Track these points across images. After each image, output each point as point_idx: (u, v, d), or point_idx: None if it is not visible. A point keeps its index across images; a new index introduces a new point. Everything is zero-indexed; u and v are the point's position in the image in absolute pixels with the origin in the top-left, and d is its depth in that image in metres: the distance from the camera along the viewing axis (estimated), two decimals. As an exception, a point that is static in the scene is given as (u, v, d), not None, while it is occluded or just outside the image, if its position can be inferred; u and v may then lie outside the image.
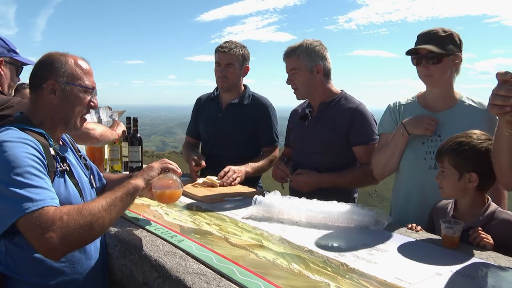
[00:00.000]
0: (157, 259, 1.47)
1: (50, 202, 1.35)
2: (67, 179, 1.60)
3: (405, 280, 1.31)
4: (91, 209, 1.39)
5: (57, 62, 1.64)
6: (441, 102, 2.20)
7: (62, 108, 1.65)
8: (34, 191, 1.34)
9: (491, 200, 1.81)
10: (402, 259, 1.50)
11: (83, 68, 1.69)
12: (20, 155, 1.39)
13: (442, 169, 1.82)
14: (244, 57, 3.03)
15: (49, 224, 1.30)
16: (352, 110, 2.56)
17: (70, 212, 1.35)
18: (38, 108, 1.64)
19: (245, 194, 2.38)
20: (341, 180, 2.51)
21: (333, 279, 1.30)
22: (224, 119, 3.06)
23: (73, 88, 1.65)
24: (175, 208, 2.11)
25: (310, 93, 2.63)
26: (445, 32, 2.10)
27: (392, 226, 1.86)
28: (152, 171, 1.68)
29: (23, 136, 1.47)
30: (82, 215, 1.36)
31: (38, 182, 1.37)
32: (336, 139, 2.55)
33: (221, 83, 3.03)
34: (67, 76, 1.64)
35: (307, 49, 2.55)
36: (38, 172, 1.40)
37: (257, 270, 1.36)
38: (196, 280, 1.30)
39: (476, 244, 1.61)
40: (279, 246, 1.60)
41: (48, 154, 1.52)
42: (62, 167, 1.58)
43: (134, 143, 2.88)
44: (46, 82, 1.61)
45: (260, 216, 1.97)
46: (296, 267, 1.39)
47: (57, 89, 1.62)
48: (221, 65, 2.97)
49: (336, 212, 1.86)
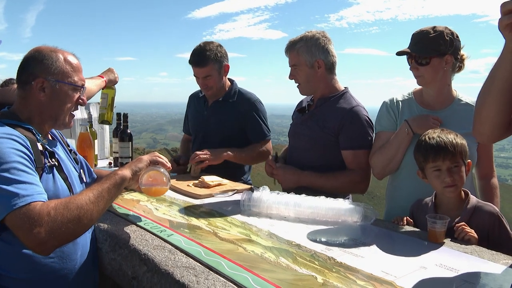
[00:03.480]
0: (146, 253, 1.48)
1: (37, 197, 1.35)
2: (56, 174, 1.59)
3: (391, 273, 1.33)
4: (78, 202, 1.39)
5: (47, 58, 1.62)
6: (438, 100, 2.20)
7: (51, 105, 1.64)
8: (21, 187, 1.33)
9: (470, 193, 1.84)
10: (388, 253, 1.52)
11: (73, 65, 1.67)
12: (6, 151, 1.38)
13: (456, 166, 1.79)
14: (220, 60, 2.91)
15: (37, 219, 1.29)
16: (345, 111, 2.40)
17: (57, 206, 1.34)
18: (27, 104, 1.62)
19: (234, 190, 2.38)
20: (321, 182, 2.37)
21: (320, 273, 1.32)
22: (210, 117, 3.05)
23: (63, 86, 1.64)
24: (165, 203, 2.12)
25: (313, 89, 2.53)
26: (435, 32, 2.08)
27: (379, 221, 1.89)
28: (141, 163, 1.67)
29: (10, 132, 1.46)
30: (69, 209, 1.35)
31: (25, 178, 1.36)
32: (323, 138, 2.44)
33: (205, 92, 3.01)
34: (57, 73, 1.62)
35: (307, 44, 2.42)
36: (25, 168, 1.39)
37: (245, 264, 1.37)
38: (185, 274, 1.31)
39: (461, 238, 1.64)
40: (267, 241, 1.61)
41: (36, 150, 1.51)
42: (50, 162, 1.57)
43: (124, 139, 2.87)
44: (36, 79, 1.59)
45: (249, 211, 1.98)
46: (284, 261, 1.41)
47: (47, 86, 1.61)
48: (199, 78, 2.92)
49: (324, 207, 1.87)
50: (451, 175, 1.78)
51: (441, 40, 2.08)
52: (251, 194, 1.99)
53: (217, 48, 2.91)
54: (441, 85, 2.17)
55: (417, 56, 2.10)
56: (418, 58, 2.10)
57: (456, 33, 2.12)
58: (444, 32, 2.08)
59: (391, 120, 2.28)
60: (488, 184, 2.23)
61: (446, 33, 2.08)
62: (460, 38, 2.14)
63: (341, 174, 2.40)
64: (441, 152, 1.79)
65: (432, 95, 2.21)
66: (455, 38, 2.11)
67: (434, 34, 2.08)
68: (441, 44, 2.08)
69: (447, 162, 1.79)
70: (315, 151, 2.48)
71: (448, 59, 2.10)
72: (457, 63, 2.16)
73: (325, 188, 2.34)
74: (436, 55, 2.08)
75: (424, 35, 2.10)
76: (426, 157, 1.83)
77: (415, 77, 2.17)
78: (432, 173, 1.83)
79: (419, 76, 2.15)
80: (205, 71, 2.89)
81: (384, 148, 2.21)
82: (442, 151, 1.79)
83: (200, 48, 2.91)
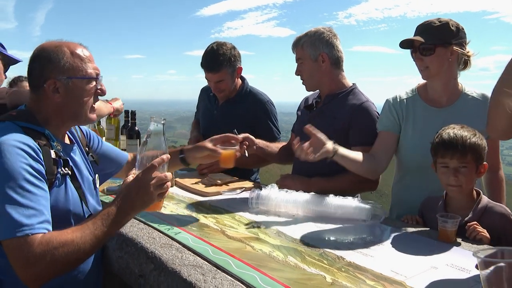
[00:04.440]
0: (153, 251, 1.47)
1: (37, 228, 1.27)
2: (69, 183, 1.51)
3: (401, 273, 1.31)
4: (81, 246, 1.29)
5: (53, 56, 1.51)
6: (444, 95, 2.14)
7: (69, 104, 1.55)
8: (25, 213, 1.27)
9: (482, 193, 1.81)
10: (398, 253, 1.50)
11: (81, 57, 1.56)
12: (15, 166, 1.30)
13: (464, 165, 1.73)
14: (233, 64, 2.83)
15: (32, 260, 1.23)
16: (355, 107, 2.35)
17: (57, 248, 1.26)
18: (42, 107, 1.53)
19: (242, 188, 2.37)
20: (331, 185, 2.27)
21: (329, 272, 1.31)
22: (219, 117, 3.01)
23: (76, 81, 1.53)
24: (172, 201, 2.11)
25: (317, 84, 2.49)
26: (440, 22, 2.05)
27: (389, 220, 1.87)
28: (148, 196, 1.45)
29: (22, 140, 1.38)
30: (68, 254, 1.27)
31: (30, 200, 1.29)
32: (333, 136, 2.29)
33: (217, 94, 2.96)
34: (67, 70, 1.51)
35: (311, 38, 2.40)
36: (33, 187, 1.31)
37: (253, 263, 1.36)
38: (192, 272, 1.30)
39: (473, 238, 1.62)
40: (276, 239, 1.60)
41: (48, 159, 1.43)
42: (63, 171, 1.49)
43: (132, 136, 2.88)
44: (47, 82, 1.50)
45: (257, 209, 1.97)
46: (292, 260, 1.39)
47: (59, 86, 1.51)
48: (211, 82, 2.87)
49: (333, 205, 1.86)
50: (456, 175, 1.73)
51: (445, 29, 2.04)
52: (259, 192, 1.98)
53: (230, 51, 2.82)
54: (446, 79, 2.10)
55: (421, 46, 2.06)
56: (423, 49, 2.06)
57: (461, 26, 2.07)
58: (449, 22, 2.04)
59: (393, 120, 2.22)
60: (495, 176, 2.19)
61: (451, 24, 2.04)
62: (466, 33, 2.08)
63: (350, 173, 2.31)
64: (450, 149, 1.74)
65: (438, 89, 2.14)
66: (460, 29, 2.06)
67: (439, 24, 2.05)
68: (445, 34, 2.03)
69: (454, 160, 1.74)
70: None
71: (453, 50, 2.04)
72: (463, 58, 2.09)
73: (335, 191, 2.26)
74: (441, 44, 2.03)
75: (428, 25, 2.07)
76: (436, 151, 1.81)
77: (420, 71, 2.11)
78: (440, 169, 1.80)
79: (424, 68, 2.09)
80: (217, 77, 2.82)
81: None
82: (451, 148, 1.74)
83: (212, 51, 2.82)
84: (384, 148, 2.23)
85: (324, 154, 1.94)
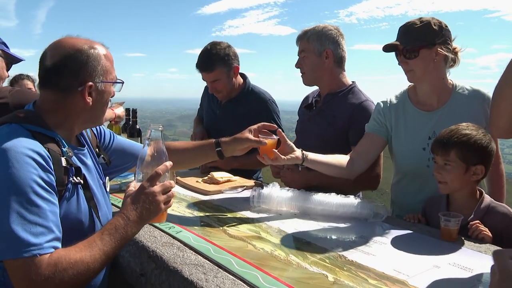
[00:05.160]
0: (154, 250, 1.47)
1: (46, 248, 1.18)
2: (80, 193, 1.43)
3: (403, 272, 1.31)
4: (91, 265, 1.23)
5: (92, 59, 1.43)
6: (434, 97, 2.09)
7: (96, 107, 1.48)
8: (32, 230, 1.17)
9: (484, 193, 1.80)
10: (400, 252, 1.49)
11: (111, 59, 1.51)
12: (24, 177, 1.20)
13: (447, 163, 1.74)
14: (229, 63, 2.80)
15: (40, 283, 1.15)
16: (354, 106, 2.36)
17: (66, 270, 1.18)
18: (63, 108, 1.43)
19: (244, 186, 2.37)
20: (329, 180, 2.26)
21: (331, 271, 1.30)
22: (221, 116, 3.00)
23: (106, 85, 1.48)
24: (174, 200, 2.10)
25: (316, 79, 2.48)
26: (421, 22, 1.98)
27: (391, 218, 1.86)
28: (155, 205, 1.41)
29: (33, 147, 1.27)
30: (77, 275, 1.20)
31: (38, 216, 1.19)
32: (333, 135, 2.40)
33: (216, 95, 2.95)
34: (102, 74, 1.45)
35: (318, 33, 2.40)
36: (41, 201, 1.21)
37: (254, 261, 1.35)
38: (194, 271, 1.29)
39: (475, 237, 1.61)
40: (277, 238, 1.59)
41: (59, 168, 1.33)
42: (75, 181, 1.40)
43: (134, 134, 2.87)
44: (85, 84, 1.41)
45: (259, 208, 1.96)
46: (294, 259, 1.39)
47: (94, 90, 1.44)
48: (208, 82, 2.86)
49: (335, 204, 1.85)
50: (439, 171, 1.77)
51: (428, 30, 1.97)
52: (260, 190, 1.98)
53: (225, 49, 2.80)
54: (433, 79, 2.05)
55: (405, 49, 2.01)
56: (406, 52, 2.01)
57: (445, 23, 2.01)
58: (431, 22, 1.97)
59: (379, 123, 2.20)
60: (495, 170, 2.13)
61: (433, 23, 1.97)
62: (450, 29, 2.02)
63: None
64: (436, 145, 1.79)
65: (427, 91, 2.10)
66: (443, 27, 1.99)
67: (420, 25, 1.98)
68: (428, 34, 1.97)
69: (439, 157, 1.78)
70: (324, 148, 2.41)
71: (438, 50, 1.98)
72: (450, 56, 2.03)
73: (334, 186, 2.26)
74: (425, 45, 1.98)
75: (410, 27, 2.01)
76: (431, 147, 1.85)
77: (405, 73, 2.07)
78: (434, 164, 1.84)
79: (409, 71, 2.04)
80: (212, 76, 2.81)
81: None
82: (437, 145, 1.79)
83: (206, 51, 2.81)
84: (366, 150, 2.20)
85: (293, 160, 1.93)
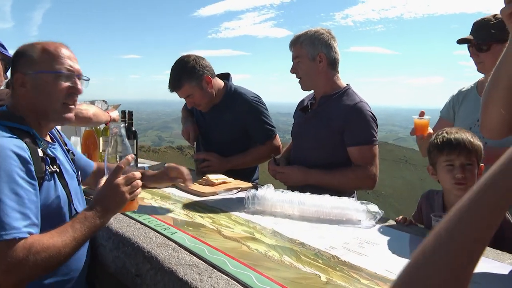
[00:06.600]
0: (150, 251, 1.48)
1: (22, 233, 1.27)
2: (57, 181, 1.55)
3: (395, 272, 1.32)
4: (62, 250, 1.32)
5: (24, 52, 1.56)
6: None
7: (37, 99, 1.56)
8: (11, 215, 1.27)
9: None
10: (392, 252, 1.51)
11: (52, 53, 1.57)
12: (5, 167, 1.32)
13: (469, 164, 1.76)
14: (197, 76, 2.73)
15: (14, 264, 1.23)
16: (348, 108, 2.38)
17: (39, 253, 1.27)
18: (17, 104, 1.58)
19: (238, 188, 2.38)
20: (328, 179, 2.36)
21: (324, 271, 1.32)
22: (210, 123, 2.99)
23: (42, 76, 1.55)
24: (169, 201, 2.12)
25: (313, 84, 2.51)
26: (496, 19, 2.10)
27: (384, 220, 1.88)
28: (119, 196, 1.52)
29: (11, 141, 1.40)
30: (49, 258, 1.29)
31: (16, 204, 1.30)
32: (328, 136, 2.42)
33: (198, 108, 2.94)
34: (34, 65, 1.54)
35: (311, 37, 2.43)
36: (21, 190, 1.32)
37: (248, 262, 1.36)
38: (188, 272, 1.31)
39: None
40: (271, 239, 1.61)
41: (36, 158, 1.45)
42: (51, 169, 1.52)
43: (129, 136, 2.87)
44: (15, 75, 1.56)
45: (253, 209, 1.98)
46: (287, 259, 1.40)
47: (27, 81, 1.54)
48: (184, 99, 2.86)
49: (329, 206, 1.87)
50: (463, 172, 1.75)
51: (501, 27, 2.04)
52: (255, 192, 1.99)
53: (190, 63, 2.74)
54: None
55: (477, 43, 2.14)
56: (478, 45, 2.14)
57: None
58: None
59: (449, 109, 2.48)
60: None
61: None
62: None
63: (348, 170, 2.40)
64: (457, 147, 1.76)
65: None
66: None
67: (495, 21, 2.10)
68: (501, 31, 2.02)
69: (461, 158, 1.76)
70: (320, 150, 2.47)
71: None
72: None
73: (332, 185, 2.33)
74: (496, 41, 2.08)
75: (485, 23, 2.13)
76: (441, 150, 1.80)
77: (476, 64, 2.21)
78: (444, 168, 1.79)
79: (479, 63, 2.19)
80: (183, 93, 2.78)
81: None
82: (458, 146, 1.76)
83: (172, 69, 2.80)
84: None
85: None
